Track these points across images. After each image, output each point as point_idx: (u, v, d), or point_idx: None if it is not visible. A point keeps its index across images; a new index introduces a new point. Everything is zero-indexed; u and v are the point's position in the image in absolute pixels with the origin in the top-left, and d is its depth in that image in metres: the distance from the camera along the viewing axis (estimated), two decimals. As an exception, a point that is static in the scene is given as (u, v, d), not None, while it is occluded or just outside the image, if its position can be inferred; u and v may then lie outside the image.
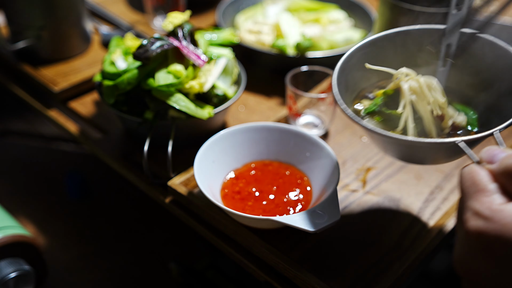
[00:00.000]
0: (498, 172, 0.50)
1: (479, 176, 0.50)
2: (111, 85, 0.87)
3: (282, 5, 1.26)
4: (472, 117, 0.68)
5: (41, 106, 1.08)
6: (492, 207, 0.47)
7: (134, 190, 1.01)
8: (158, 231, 1.15)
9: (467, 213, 0.49)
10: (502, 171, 0.49)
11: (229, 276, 0.99)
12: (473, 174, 0.51)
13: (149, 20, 1.28)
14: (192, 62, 0.88)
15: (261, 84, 1.11)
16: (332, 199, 0.72)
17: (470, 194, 0.50)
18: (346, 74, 0.70)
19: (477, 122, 0.67)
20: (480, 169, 0.51)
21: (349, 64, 0.70)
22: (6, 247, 0.85)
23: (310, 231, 0.67)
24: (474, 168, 0.51)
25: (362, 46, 0.71)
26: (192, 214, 0.83)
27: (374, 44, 0.72)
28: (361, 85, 0.73)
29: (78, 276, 1.05)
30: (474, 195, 0.49)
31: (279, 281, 0.74)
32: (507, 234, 0.46)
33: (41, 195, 1.22)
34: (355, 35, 1.18)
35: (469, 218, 0.48)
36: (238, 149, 0.85)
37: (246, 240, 0.75)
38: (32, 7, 1.06)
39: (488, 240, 0.47)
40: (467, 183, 0.51)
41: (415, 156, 0.67)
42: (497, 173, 0.50)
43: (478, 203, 0.48)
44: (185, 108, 0.85)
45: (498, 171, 0.50)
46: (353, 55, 0.71)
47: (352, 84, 0.72)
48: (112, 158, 0.94)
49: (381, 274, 0.72)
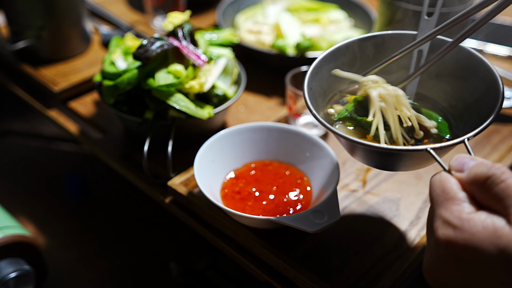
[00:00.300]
0: (467, 180, 0.50)
1: (448, 184, 0.50)
2: (111, 85, 0.87)
3: (282, 5, 1.26)
4: (443, 124, 0.68)
5: (41, 106, 1.08)
6: (462, 216, 0.47)
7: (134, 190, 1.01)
8: (158, 231, 1.15)
9: (437, 221, 0.49)
10: (471, 180, 0.49)
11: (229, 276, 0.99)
12: (443, 182, 0.51)
13: (149, 20, 1.28)
14: (192, 62, 0.88)
15: (261, 84, 1.11)
16: (332, 199, 0.72)
17: (440, 202, 0.50)
18: (319, 79, 0.69)
19: (448, 129, 0.67)
20: (450, 177, 0.51)
21: (322, 69, 0.70)
22: (6, 247, 0.85)
23: (310, 231, 0.67)
24: (444, 176, 0.51)
25: (335, 50, 0.71)
26: (192, 214, 0.83)
27: (348, 48, 0.71)
28: (334, 89, 0.73)
29: (78, 276, 1.05)
30: (444, 203, 0.49)
31: (279, 281, 0.74)
32: (476, 243, 0.46)
33: (41, 195, 1.22)
34: (355, 35, 1.18)
35: (439, 227, 0.49)
36: (238, 149, 0.85)
37: (246, 240, 0.75)
38: (32, 7, 1.06)
39: (457, 249, 0.47)
40: (437, 191, 0.51)
41: (387, 163, 0.67)
42: (466, 182, 0.50)
43: (448, 212, 0.49)
44: (185, 108, 0.85)
45: (467, 180, 0.50)
46: (326, 59, 0.70)
47: (326, 88, 0.71)
48: (112, 158, 0.94)
49: (381, 274, 0.72)
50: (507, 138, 0.97)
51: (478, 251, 0.46)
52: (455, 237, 0.47)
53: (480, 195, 0.49)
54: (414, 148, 0.58)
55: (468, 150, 0.56)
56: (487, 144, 0.96)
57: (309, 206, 0.78)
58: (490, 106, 0.61)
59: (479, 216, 0.47)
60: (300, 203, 0.78)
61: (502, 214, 0.47)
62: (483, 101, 0.64)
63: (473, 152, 0.56)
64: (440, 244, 0.48)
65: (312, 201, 0.79)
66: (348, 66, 0.72)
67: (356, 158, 0.69)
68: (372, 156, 0.66)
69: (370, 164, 0.69)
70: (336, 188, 0.74)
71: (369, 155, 0.66)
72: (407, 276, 0.73)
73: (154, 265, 1.07)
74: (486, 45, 1.23)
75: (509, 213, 0.46)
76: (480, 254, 0.46)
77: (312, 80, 0.68)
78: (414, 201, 0.83)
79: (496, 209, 0.47)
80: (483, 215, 0.47)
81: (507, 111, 1.04)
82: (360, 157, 0.68)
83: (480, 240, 0.46)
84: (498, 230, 0.45)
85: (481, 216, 0.47)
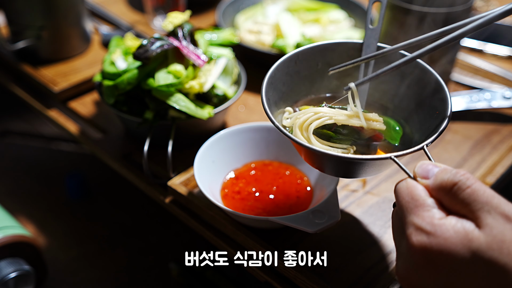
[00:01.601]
0: (433, 187, 0.52)
1: (416, 191, 0.52)
2: (111, 85, 0.87)
3: (282, 5, 1.26)
4: (398, 132, 0.70)
5: (41, 106, 1.08)
6: (434, 222, 0.49)
7: (134, 190, 1.01)
8: (158, 231, 1.15)
9: (409, 228, 0.50)
10: (438, 187, 0.51)
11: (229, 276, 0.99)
12: (410, 189, 0.52)
13: (149, 20, 1.28)
14: (192, 62, 0.88)
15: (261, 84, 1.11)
16: (332, 199, 0.72)
17: (410, 209, 0.51)
18: (274, 88, 0.70)
19: (399, 138, 0.69)
20: (417, 184, 0.53)
21: (276, 78, 0.71)
22: (6, 247, 0.85)
23: (310, 231, 0.67)
24: (411, 183, 0.53)
25: (288, 59, 0.72)
26: (192, 214, 0.83)
27: (298, 57, 0.72)
28: (291, 97, 0.74)
29: (78, 276, 1.05)
30: (414, 210, 0.51)
31: (279, 281, 0.74)
32: (449, 247, 0.48)
33: (41, 195, 1.22)
34: (355, 35, 1.18)
35: (412, 233, 0.50)
36: (238, 149, 0.85)
37: (246, 240, 0.75)
38: (32, 7, 1.06)
39: (432, 254, 0.48)
40: (406, 198, 0.52)
41: (349, 171, 0.67)
42: (433, 188, 0.52)
43: (420, 219, 0.50)
44: (185, 108, 0.85)
45: (433, 186, 0.52)
46: (279, 68, 0.71)
47: (282, 96, 0.72)
48: (112, 158, 0.94)
49: (381, 274, 0.72)
50: (507, 138, 0.97)
51: (452, 254, 0.48)
52: (430, 243, 0.49)
53: (448, 200, 0.51)
54: (379, 156, 0.60)
55: (428, 156, 0.58)
56: (487, 144, 0.96)
57: (309, 206, 0.78)
58: (440, 112, 0.64)
59: (450, 221, 0.49)
60: (300, 203, 0.78)
61: (470, 218, 0.49)
62: (432, 107, 0.66)
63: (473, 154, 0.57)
64: (415, 250, 0.49)
65: (312, 201, 0.79)
66: (301, 74, 0.73)
67: (316, 168, 0.70)
68: (334, 165, 0.67)
69: (332, 173, 0.69)
70: (336, 188, 0.73)
71: (333, 165, 0.67)
72: (407, 276, 0.73)
73: (154, 265, 1.07)
74: (486, 45, 1.23)
75: (477, 217, 0.48)
76: (454, 257, 0.48)
77: (269, 89, 0.69)
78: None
79: (463, 214, 0.49)
80: (453, 220, 0.49)
81: (507, 111, 1.04)
82: (321, 167, 0.68)
83: (453, 244, 0.48)
84: (469, 233, 0.48)
85: (451, 221, 0.49)
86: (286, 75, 0.72)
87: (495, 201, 0.48)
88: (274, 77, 0.70)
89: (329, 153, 0.61)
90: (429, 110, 0.67)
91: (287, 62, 0.72)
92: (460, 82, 1.12)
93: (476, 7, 1.43)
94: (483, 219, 0.48)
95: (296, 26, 1.17)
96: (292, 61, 0.72)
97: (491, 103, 1.02)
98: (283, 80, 0.72)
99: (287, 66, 0.72)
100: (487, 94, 1.03)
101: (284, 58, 0.72)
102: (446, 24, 0.63)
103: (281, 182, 0.82)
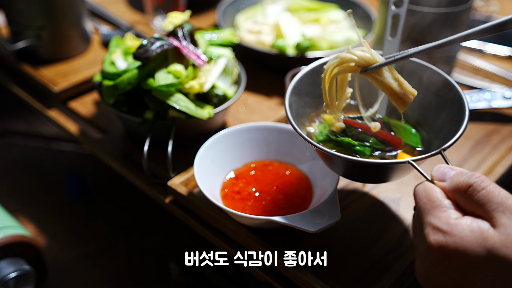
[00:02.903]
0: (450, 189, 0.55)
1: (434, 193, 0.55)
2: (111, 85, 0.87)
3: (282, 5, 1.26)
4: (415, 135, 0.75)
5: (41, 106, 1.08)
6: (450, 222, 0.52)
7: (134, 190, 1.01)
8: (158, 231, 1.15)
9: (427, 228, 0.53)
10: (454, 188, 0.54)
11: (229, 276, 0.99)
12: (428, 191, 0.55)
13: (149, 20, 1.28)
14: (192, 62, 0.88)
15: (261, 84, 1.11)
16: (332, 199, 0.72)
17: (427, 210, 0.54)
18: (296, 100, 0.73)
19: (420, 141, 0.74)
20: (434, 187, 0.56)
21: (299, 88, 0.74)
22: (6, 247, 0.85)
23: (310, 231, 0.67)
24: (428, 186, 0.56)
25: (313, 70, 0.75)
26: (192, 214, 0.83)
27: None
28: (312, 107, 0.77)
29: (78, 276, 1.05)
30: (431, 211, 0.54)
31: (279, 281, 0.74)
32: (465, 246, 0.50)
33: (41, 195, 1.22)
34: (354, 35, 1.18)
35: (430, 233, 0.52)
36: (238, 149, 0.85)
37: (246, 240, 0.75)
38: (32, 7, 1.06)
39: (449, 252, 0.51)
40: (424, 200, 0.55)
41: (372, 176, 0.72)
42: (449, 190, 0.55)
43: (436, 219, 0.53)
44: (185, 108, 0.85)
45: (450, 188, 0.55)
46: (303, 79, 0.74)
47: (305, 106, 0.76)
48: (112, 158, 0.94)
49: (381, 274, 0.72)
50: (507, 138, 0.97)
51: (468, 252, 0.50)
52: (446, 242, 0.51)
53: (463, 201, 0.53)
54: (397, 161, 0.65)
55: (445, 160, 0.61)
56: (487, 144, 0.96)
57: (309, 206, 0.78)
58: (458, 119, 0.67)
59: (466, 221, 0.51)
60: (300, 203, 0.78)
61: (485, 218, 0.51)
62: (450, 114, 0.70)
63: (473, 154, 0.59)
64: (433, 249, 0.52)
65: (312, 201, 0.79)
66: None
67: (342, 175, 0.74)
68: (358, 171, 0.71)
69: (354, 179, 0.74)
70: (336, 188, 0.74)
71: (356, 170, 0.71)
72: (407, 276, 0.73)
73: (154, 265, 1.07)
74: (486, 45, 1.23)
75: (492, 217, 0.51)
76: (469, 255, 0.50)
77: (292, 99, 0.72)
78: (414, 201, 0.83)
79: (479, 214, 0.52)
80: (469, 220, 0.51)
81: (507, 111, 1.04)
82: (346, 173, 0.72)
83: (469, 243, 0.50)
84: (484, 232, 0.50)
85: (467, 221, 0.51)
86: (309, 85, 0.75)
87: (510, 202, 0.51)
88: (297, 87, 0.74)
89: (348, 158, 0.64)
90: (446, 117, 0.71)
91: (310, 73, 0.75)
92: (460, 82, 1.12)
93: (476, 7, 1.43)
94: (498, 219, 0.50)
95: (296, 26, 1.17)
96: (314, 72, 0.75)
97: (491, 103, 1.02)
98: (306, 90, 0.75)
99: (310, 76, 0.75)
100: (487, 94, 1.03)
101: (307, 69, 0.75)
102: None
103: (281, 182, 0.82)
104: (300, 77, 0.74)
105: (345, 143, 0.71)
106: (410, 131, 0.75)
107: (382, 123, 0.73)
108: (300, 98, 0.74)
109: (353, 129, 0.72)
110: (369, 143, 0.71)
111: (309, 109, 0.77)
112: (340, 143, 0.71)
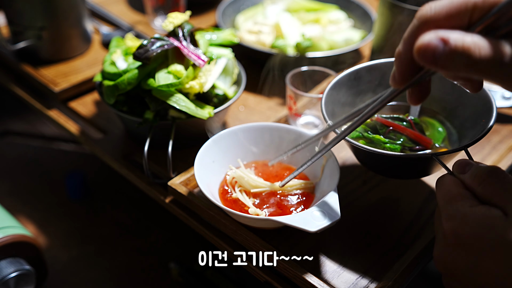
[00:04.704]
0: (468, 181, 0.58)
1: (453, 184, 0.59)
2: (111, 85, 0.87)
3: (282, 5, 1.27)
4: (442, 133, 0.79)
5: (41, 106, 1.08)
6: (465, 210, 0.55)
7: (134, 190, 1.01)
8: (158, 231, 1.15)
9: (444, 216, 0.57)
10: (472, 179, 0.58)
11: (229, 276, 0.99)
12: (448, 182, 0.60)
13: (149, 21, 1.28)
14: (192, 62, 0.88)
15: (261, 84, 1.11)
16: (332, 199, 0.72)
17: (446, 200, 0.58)
18: (332, 101, 0.79)
19: (447, 139, 0.78)
20: (454, 178, 0.60)
21: (332, 94, 0.80)
22: (6, 247, 0.85)
23: (310, 231, 0.67)
24: (448, 178, 0.60)
25: (351, 73, 0.81)
26: (192, 214, 0.83)
27: (357, 73, 0.82)
28: (345, 109, 0.82)
29: (78, 276, 1.05)
30: (449, 200, 0.58)
31: (279, 281, 0.74)
32: (478, 231, 0.54)
33: (41, 195, 1.22)
34: (355, 35, 1.18)
35: (446, 220, 0.57)
36: (238, 149, 0.85)
37: (246, 240, 0.75)
38: (32, 8, 1.06)
39: (463, 238, 0.55)
40: (443, 190, 0.59)
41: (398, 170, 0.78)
42: (468, 181, 0.58)
43: (453, 207, 0.56)
44: (185, 108, 0.85)
45: (468, 180, 0.58)
46: (339, 81, 0.81)
47: (337, 108, 0.81)
48: (112, 158, 0.94)
49: (381, 274, 0.72)
50: (507, 138, 0.97)
51: (480, 238, 0.54)
52: (461, 227, 0.55)
53: (480, 191, 0.57)
54: (421, 153, 0.70)
55: (469, 156, 0.67)
56: (487, 144, 0.96)
57: (309, 206, 0.78)
58: (486, 120, 0.71)
59: (480, 209, 0.55)
60: (300, 203, 0.78)
61: (499, 207, 0.55)
62: (479, 116, 0.74)
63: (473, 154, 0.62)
64: (448, 234, 0.56)
65: (312, 201, 0.79)
66: (354, 90, 0.82)
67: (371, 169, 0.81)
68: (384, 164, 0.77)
69: (382, 172, 0.81)
70: (336, 188, 0.74)
71: (382, 164, 0.77)
72: (407, 275, 0.73)
73: (154, 265, 1.07)
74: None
75: (505, 206, 0.54)
76: (482, 241, 0.53)
77: (328, 103, 0.78)
78: (414, 201, 0.83)
79: (493, 203, 0.55)
80: (483, 208, 0.55)
81: (507, 111, 1.04)
82: (374, 167, 0.80)
83: (482, 228, 0.53)
84: (496, 219, 0.53)
85: (482, 209, 0.55)
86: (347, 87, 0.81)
87: None
88: (334, 88, 0.80)
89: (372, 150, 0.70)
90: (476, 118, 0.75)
91: (343, 79, 0.81)
92: (460, 82, 1.12)
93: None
94: (511, 207, 0.53)
95: (296, 26, 1.17)
96: (351, 75, 0.81)
97: (491, 103, 1.02)
98: (341, 94, 0.81)
99: (347, 80, 0.81)
100: (487, 94, 1.03)
101: (350, 70, 0.81)
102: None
103: (281, 182, 0.82)
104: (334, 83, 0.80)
105: (376, 140, 0.76)
106: (437, 128, 0.79)
107: (414, 124, 0.78)
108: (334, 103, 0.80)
109: (385, 128, 0.77)
110: (400, 142, 0.76)
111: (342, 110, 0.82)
112: (372, 140, 0.76)
